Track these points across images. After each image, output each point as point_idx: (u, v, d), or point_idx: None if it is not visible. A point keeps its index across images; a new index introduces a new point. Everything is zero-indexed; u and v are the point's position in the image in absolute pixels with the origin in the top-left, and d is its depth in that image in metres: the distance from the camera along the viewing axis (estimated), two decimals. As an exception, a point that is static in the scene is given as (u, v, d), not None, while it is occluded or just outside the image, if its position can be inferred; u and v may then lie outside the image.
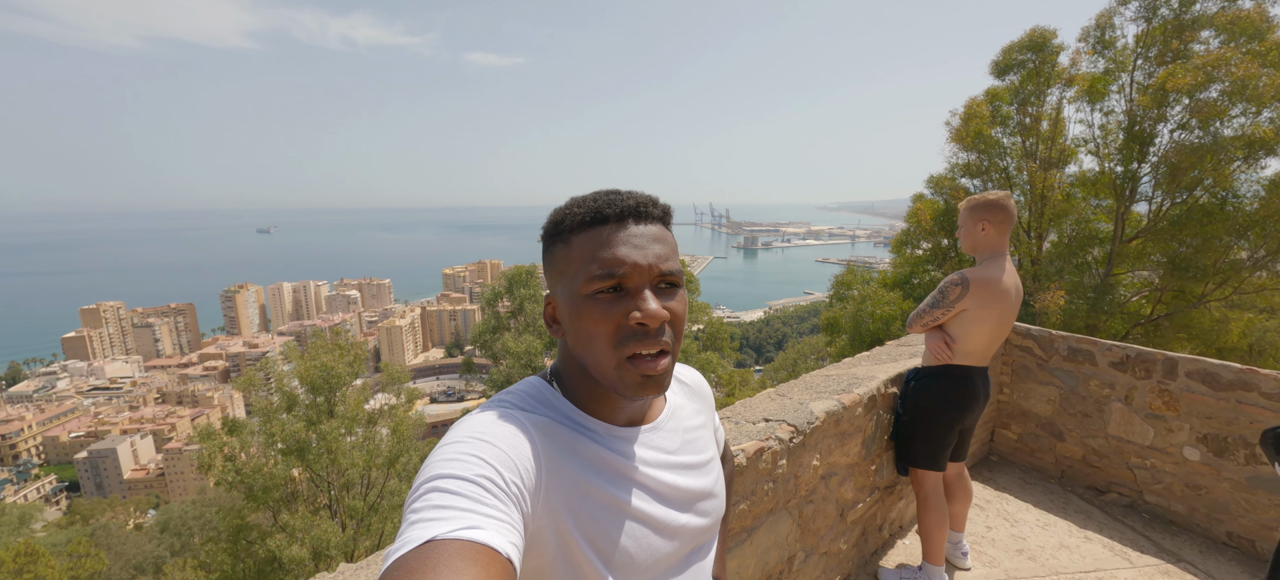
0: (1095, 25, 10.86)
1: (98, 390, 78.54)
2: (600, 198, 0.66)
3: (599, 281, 0.63)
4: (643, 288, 0.65)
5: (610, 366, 0.65)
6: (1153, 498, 2.98)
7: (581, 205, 0.67)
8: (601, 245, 0.64)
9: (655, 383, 0.65)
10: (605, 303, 0.64)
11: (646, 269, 0.64)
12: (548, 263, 0.71)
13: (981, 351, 2.23)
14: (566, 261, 0.67)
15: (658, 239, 0.66)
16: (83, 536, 21.64)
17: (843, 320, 14.46)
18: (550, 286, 0.72)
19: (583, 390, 0.72)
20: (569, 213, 0.67)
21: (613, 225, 0.65)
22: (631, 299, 0.64)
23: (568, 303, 0.67)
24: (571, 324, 0.67)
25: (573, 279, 0.66)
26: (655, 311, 0.63)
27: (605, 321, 0.64)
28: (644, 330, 0.64)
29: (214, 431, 12.08)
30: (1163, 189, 10.38)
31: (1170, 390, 2.86)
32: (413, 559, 0.46)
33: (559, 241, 0.68)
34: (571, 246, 0.67)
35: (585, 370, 0.69)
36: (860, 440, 2.41)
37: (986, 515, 3.03)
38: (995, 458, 3.65)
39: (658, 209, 0.68)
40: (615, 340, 0.64)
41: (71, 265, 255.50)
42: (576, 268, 0.65)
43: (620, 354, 0.64)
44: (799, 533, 2.13)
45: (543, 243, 0.72)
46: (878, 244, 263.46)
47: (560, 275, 0.68)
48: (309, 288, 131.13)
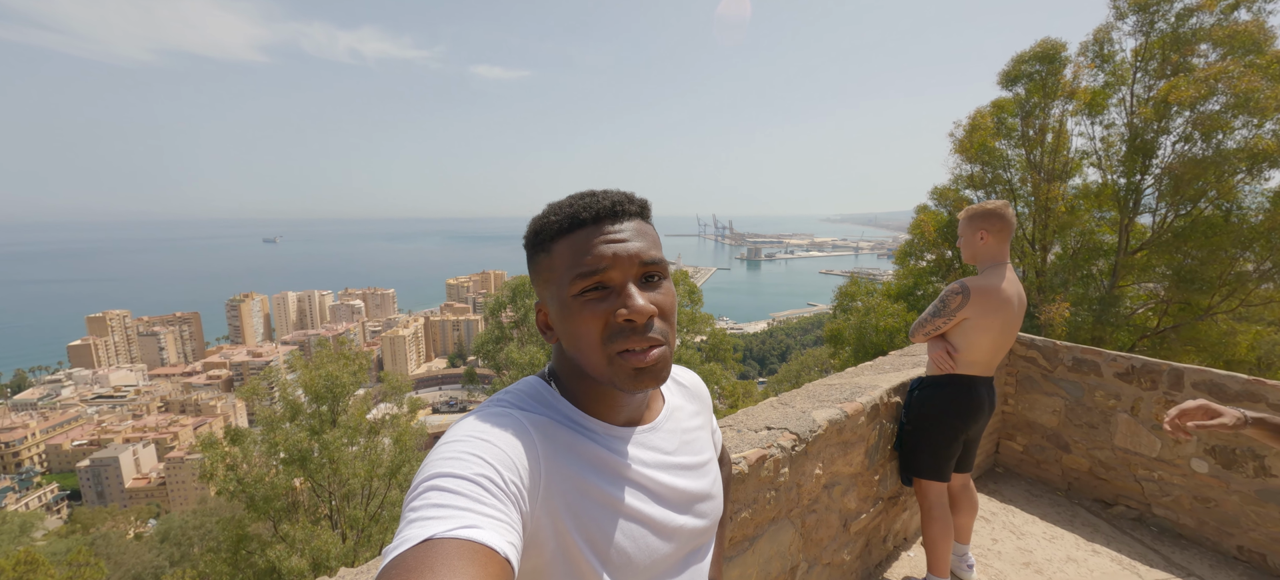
0: (1094, 39, 10.93)
1: (102, 398, 78.75)
2: (576, 202, 0.67)
3: (582, 281, 0.65)
4: (626, 283, 0.65)
5: (603, 363, 0.66)
6: (1161, 511, 2.95)
7: (558, 212, 0.68)
8: (581, 248, 0.65)
9: (650, 374, 0.65)
10: (592, 303, 0.65)
11: (628, 262, 0.65)
12: (534, 272, 0.72)
13: (985, 361, 2.22)
14: (550, 269, 0.68)
15: (637, 233, 0.67)
16: (83, 545, 21.59)
17: (847, 332, 14.41)
18: (539, 294, 0.73)
19: (580, 390, 0.72)
20: (546, 221, 0.69)
21: (590, 227, 0.66)
22: (617, 296, 0.65)
23: (557, 307, 0.69)
24: (562, 327, 0.69)
25: (559, 284, 0.67)
26: (641, 306, 0.64)
27: (594, 320, 0.65)
28: (632, 326, 0.65)
29: (216, 440, 12.08)
30: (1166, 201, 10.36)
31: (1177, 401, 2.84)
32: (411, 558, 0.46)
33: (541, 251, 0.69)
34: (553, 254, 0.68)
35: (582, 370, 0.70)
36: (863, 450, 2.39)
37: (992, 528, 2.99)
38: (1001, 469, 3.61)
39: (634, 204, 0.69)
40: (604, 338, 0.65)
41: (80, 273, 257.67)
42: (561, 273, 0.67)
43: (610, 350, 0.65)
44: (802, 542, 2.11)
45: (527, 253, 0.72)
46: (881, 256, 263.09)
47: (546, 283, 0.70)
48: (314, 297, 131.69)
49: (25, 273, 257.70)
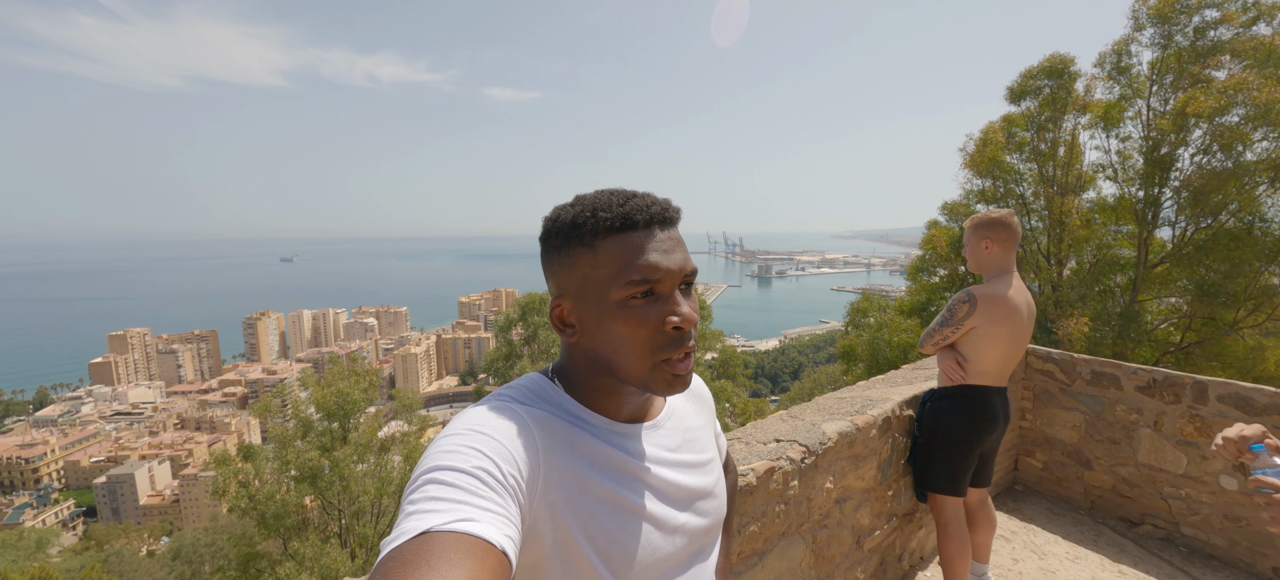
0: (1112, 51, 10.87)
1: (120, 415, 79.97)
2: (625, 202, 0.66)
3: (634, 288, 0.64)
4: (673, 291, 0.67)
5: (644, 369, 0.66)
6: (1190, 530, 2.83)
7: (607, 208, 0.66)
8: (634, 251, 0.65)
9: (683, 380, 0.68)
10: (639, 309, 0.65)
11: (676, 273, 0.66)
12: (560, 263, 0.68)
13: (996, 370, 2.18)
14: (592, 266, 0.66)
15: (680, 243, 0.69)
16: (97, 562, 21.74)
17: (859, 347, 14.23)
18: (560, 288, 0.69)
19: (587, 387, 0.71)
20: (592, 215, 0.66)
21: (642, 231, 0.66)
22: (664, 303, 0.66)
23: (595, 308, 0.67)
24: (598, 328, 0.67)
25: (603, 285, 0.65)
26: (689, 315, 0.66)
27: (641, 327, 0.65)
28: (680, 335, 0.66)
29: (229, 458, 12.18)
30: (1186, 214, 10.17)
31: (1201, 415, 2.75)
32: (407, 551, 0.46)
33: (579, 244, 0.66)
34: (598, 251, 0.66)
35: (597, 368, 0.69)
36: (875, 464, 2.34)
37: (1013, 547, 2.90)
38: (1020, 487, 3.51)
39: (676, 212, 0.70)
40: (652, 346, 0.66)
41: (104, 292, 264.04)
42: (607, 273, 0.65)
43: (656, 358, 0.66)
44: (813, 559, 2.06)
45: (553, 242, 0.69)
46: (894, 272, 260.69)
47: (582, 279, 0.67)
48: (328, 315, 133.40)
49: (52, 291, 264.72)
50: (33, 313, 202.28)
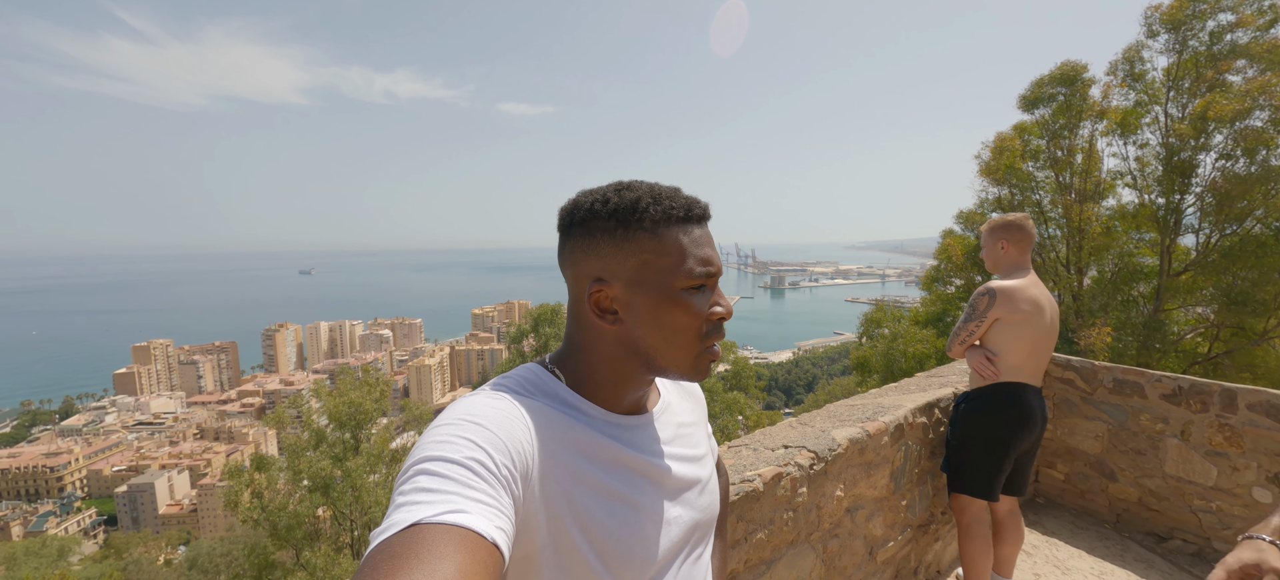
0: (1124, 58, 10.72)
1: (142, 425, 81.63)
2: (680, 194, 0.68)
3: (696, 279, 0.67)
4: (716, 284, 0.71)
5: (691, 356, 0.69)
6: (1222, 545, 2.71)
7: (671, 198, 0.67)
8: (697, 243, 0.68)
9: (712, 367, 0.73)
10: (695, 298, 0.68)
11: (720, 268, 0.72)
12: (612, 248, 0.66)
13: (1027, 365, 2.14)
14: (657, 252, 0.65)
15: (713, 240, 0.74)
16: (115, 571, 22.06)
17: (874, 359, 14.02)
18: (607, 273, 0.67)
19: (589, 378, 0.71)
20: (652, 202, 0.65)
21: (697, 224, 0.69)
22: (711, 294, 0.70)
23: (653, 294, 0.66)
24: (651, 315, 0.67)
25: (666, 273, 0.66)
26: (730, 306, 0.72)
27: (696, 316, 0.68)
28: (720, 325, 0.71)
29: (242, 468, 12.32)
30: (1210, 220, 9.92)
31: (1231, 425, 2.64)
32: (397, 543, 0.44)
33: (639, 229, 0.65)
34: (663, 239, 0.66)
35: (626, 356, 0.69)
36: (888, 472, 2.28)
37: (1035, 562, 2.80)
38: (1041, 500, 3.40)
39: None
40: (702, 333, 0.69)
41: (129, 304, 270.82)
42: (671, 261, 0.66)
43: (705, 345, 0.70)
44: (823, 570, 2.00)
45: (600, 224, 0.66)
46: (908, 283, 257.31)
47: (643, 265, 0.66)
48: (344, 327, 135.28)
49: (79, 303, 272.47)
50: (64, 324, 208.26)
